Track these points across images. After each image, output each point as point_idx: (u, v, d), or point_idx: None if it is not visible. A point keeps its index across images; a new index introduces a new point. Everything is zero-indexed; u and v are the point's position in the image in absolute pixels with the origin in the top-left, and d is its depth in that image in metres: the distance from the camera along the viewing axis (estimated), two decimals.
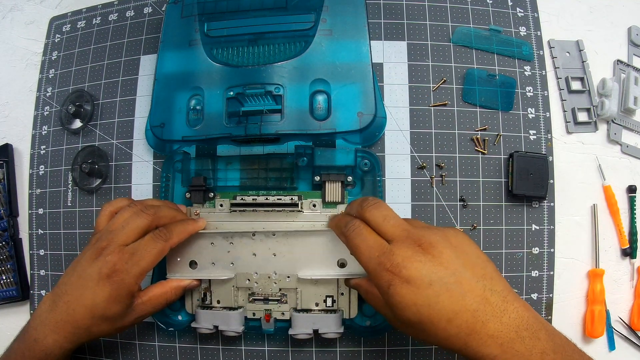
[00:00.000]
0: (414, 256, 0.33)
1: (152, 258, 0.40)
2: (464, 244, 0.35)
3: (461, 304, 0.31)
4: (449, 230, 0.36)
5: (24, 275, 0.57)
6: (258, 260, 0.47)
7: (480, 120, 0.51)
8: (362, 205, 0.38)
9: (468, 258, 0.34)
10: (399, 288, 0.33)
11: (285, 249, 0.47)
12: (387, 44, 0.53)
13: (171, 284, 0.45)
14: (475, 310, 0.31)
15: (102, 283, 0.38)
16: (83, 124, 0.56)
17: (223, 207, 0.48)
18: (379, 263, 0.34)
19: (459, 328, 0.31)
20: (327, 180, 0.47)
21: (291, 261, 0.47)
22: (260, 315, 0.48)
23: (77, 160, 0.55)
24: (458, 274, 0.33)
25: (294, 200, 0.46)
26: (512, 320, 0.31)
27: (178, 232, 0.43)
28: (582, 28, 0.55)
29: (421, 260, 0.33)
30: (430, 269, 0.33)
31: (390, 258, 0.33)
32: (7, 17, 0.63)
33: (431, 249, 0.34)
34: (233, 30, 0.49)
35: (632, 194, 0.52)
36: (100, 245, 0.40)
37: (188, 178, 0.49)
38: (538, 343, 0.31)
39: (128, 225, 0.41)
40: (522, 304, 0.33)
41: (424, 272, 0.32)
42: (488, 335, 0.31)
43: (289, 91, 0.47)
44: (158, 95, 0.50)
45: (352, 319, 0.47)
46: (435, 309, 0.32)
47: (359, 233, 0.37)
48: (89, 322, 0.39)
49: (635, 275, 0.52)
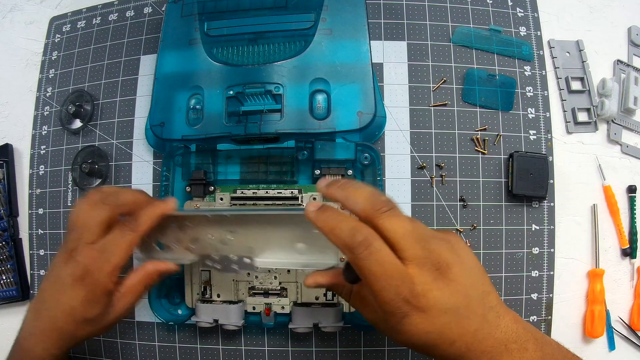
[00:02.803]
0: (433, 283, 0.31)
1: (122, 253, 0.38)
2: (467, 255, 0.34)
3: (466, 328, 0.31)
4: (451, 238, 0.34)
5: (24, 275, 0.57)
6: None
7: (480, 120, 0.51)
8: (375, 207, 0.32)
9: (472, 274, 0.33)
10: (414, 318, 0.31)
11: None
12: (387, 44, 0.53)
13: (147, 268, 0.41)
14: (475, 330, 0.31)
15: (76, 286, 0.37)
16: (83, 123, 0.56)
17: (223, 201, 0.48)
18: (397, 292, 0.30)
19: (459, 349, 0.31)
20: (328, 173, 0.47)
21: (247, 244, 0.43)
22: (261, 309, 0.48)
23: (77, 160, 0.55)
24: (468, 297, 0.32)
25: (294, 193, 0.47)
26: (502, 335, 0.31)
27: (146, 219, 0.39)
28: (582, 28, 0.55)
29: (440, 288, 0.31)
30: (447, 297, 0.31)
31: (411, 287, 0.30)
32: (7, 17, 0.63)
33: (448, 272, 0.31)
34: (233, 30, 0.49)
35: (632, 194, 0.52)
36: (70, 246, 0.38)
37: (188, 172, 0.50)
38: (525, 354, 0.31)
39: (89, 221, 0.38)
40: (511, 316, 0.33)
41: (440, 301, 0.31)
42: (481, 351, 0.31)
43: (289, 90, 0.47)
44: (158, 95, 0.50)
45: (352, 312, 0.47)
46: (444, 335, 0.31)
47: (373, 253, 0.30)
48: (72, 326, 0.38)
49: (635, 275, 0.52)
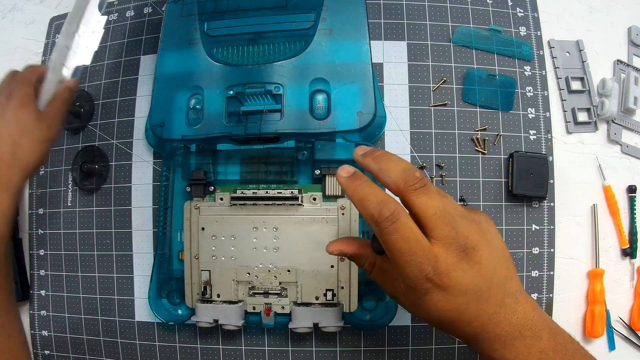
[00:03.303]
0: (457, 264, 0.31)
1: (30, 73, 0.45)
2: (495, 238, 0.33)
3: (483, 309, 0.31)
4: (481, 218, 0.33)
5: (24, 275, 0.57)
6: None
7: (480, 120, 0.51)
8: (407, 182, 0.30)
9: (497, 258, 0.33)
10: (434, 295, 0.31)
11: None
12: (387, 44, 0.53)
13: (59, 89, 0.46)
14: (492, 313, 0.31)
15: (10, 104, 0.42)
16: (82, 124, 0.56)
17: (223, 201, 0.48)
18: (420, 269, 0.30)
19: (475, 329, 0.32)
20: (328, 173, 0.47)
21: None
22: (261, 309, 0.48)
23: (77, 160, 0.55)
24: (489, 280, 0.32)
25: (294, 193, 0.47)
26: (519, 320, 0.31)
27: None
28: (582, 28, 0.55)
29: (463, 269, 0.31)
30: (469, 278, 0.31)
31: (435, 265, 0.30)
32: (7, 17, 0.63)
33: (473, 254, 0.31)
34: (233, 30, 0.49)
35: (632, 194, 0.52)
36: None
37: (188, 172, 0.50)
38: (539, 342, 0.31)
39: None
40: (529, 303, 0.33)
41: (462, 282, 0.31)
42: (496, 334, 0.31)
43: (289, 90, 0.47)
44: (158, 95, 0.50)
45: (352, 312, 0.47)
46: (462, 314, 0.31)
47: (398, 228, 0.30)
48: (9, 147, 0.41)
49: (635, 275, 0.52)
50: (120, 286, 0.53)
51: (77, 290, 0.55)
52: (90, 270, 0.54)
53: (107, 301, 0.54)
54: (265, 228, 0.47)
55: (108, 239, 0.54)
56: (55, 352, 0.55)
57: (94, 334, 0.54)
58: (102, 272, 0.54)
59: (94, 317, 0.54)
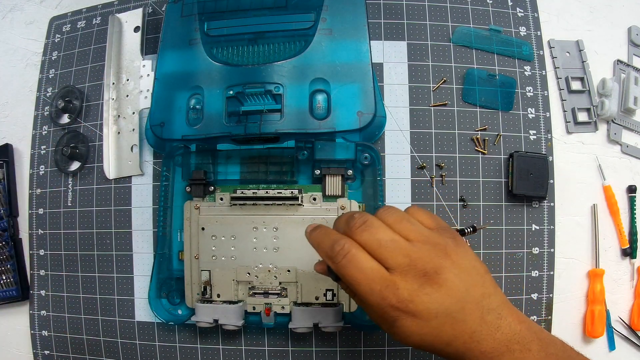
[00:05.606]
0: (420, 289, 0.31)
1: None
2: (464, 258, 0.33)
3: (462, 329, 0.32)
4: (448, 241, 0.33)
5: (24, 275, 0.57)
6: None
7: (480, 120, 0.51)
8: (349, 225, 0.33)
9: (469, 277, 0.33)
10: (405, 321, 0.31)
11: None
12: (387, 44, 0.53)
13: None
14: (472, 332, 0.32)
15: None
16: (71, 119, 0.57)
17: (223, 201, 0.48)
18: (382, 298, 0.31)
19: (457, 349, 0.32)
20: (327, 173, 0.47)
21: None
22: (261, 309, 0.48)
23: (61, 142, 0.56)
24: (462, 300, 0.32)
25: (294, 193, 0.47)
26: (504, 336, 0.32)
27: None
28: (582, 28, 0.55)
29: (428, 293, 0.31)
30: (438, 301, 0.31)
31: (396, 293, 0.31)
32: (7, 17, 0.63)
33: (437, 277, 0.31)
34: (233, 30, 0.49)
35: (632, 194, 0.52)
36: None
37: (188, 172, 0.50)
38: (528, 355, 0.31)
39: None
40: (515, 316, 0.33)
41: (430, 306, 0.31)
42: (481, 351, 0.31)
43: (289, 90, 0.47)
44: (158, 95, 0.50)
45: (352, 312, 0.47)
46: (438, 336, 0.32)
47: (351, 260, 0.31)
48: None
49: (635, 275, 0.52)
50: (120, 286, 0.53)
51: (77, 290, 0.55)
52: (90, 270, 0.54)
53: (107, 301, 0.54)
54: (265, 228, 0.47)
55: (108, 239, 0.54)
56: (55, 352, 0.55)
57: (94, 334, 0.54)
58: (102, 272, 0.54)
59: (94, 317, 0.54)
